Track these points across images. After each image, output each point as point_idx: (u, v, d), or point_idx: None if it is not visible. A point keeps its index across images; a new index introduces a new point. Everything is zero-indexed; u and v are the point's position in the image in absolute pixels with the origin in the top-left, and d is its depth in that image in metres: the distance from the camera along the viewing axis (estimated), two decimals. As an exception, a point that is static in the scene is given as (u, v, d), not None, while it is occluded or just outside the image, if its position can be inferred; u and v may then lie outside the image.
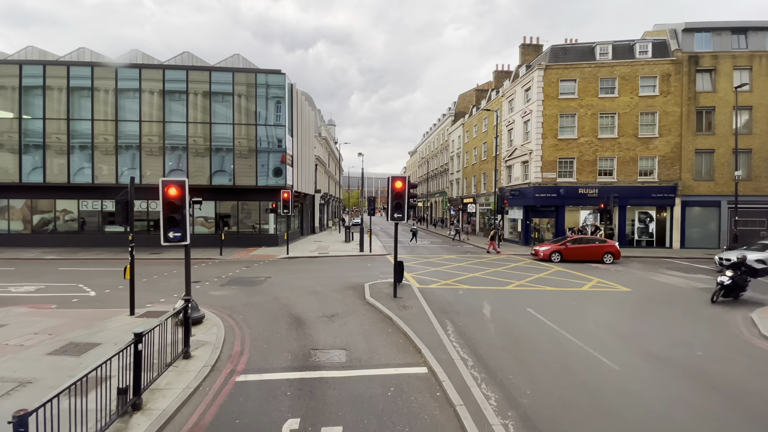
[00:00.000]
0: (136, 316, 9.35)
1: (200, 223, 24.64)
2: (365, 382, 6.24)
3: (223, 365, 6.91)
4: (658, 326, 9.39)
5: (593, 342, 8.10)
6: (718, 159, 24.65)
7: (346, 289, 12.94)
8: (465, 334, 8.45)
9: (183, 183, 7.62)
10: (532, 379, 6.41)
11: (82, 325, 8.72)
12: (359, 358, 7.15)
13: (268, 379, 6.36)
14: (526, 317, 9.84)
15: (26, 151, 22.98)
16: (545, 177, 25.37)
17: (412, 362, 6.98)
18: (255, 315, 9.91)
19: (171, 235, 7.52)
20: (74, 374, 4.80)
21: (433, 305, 10.71)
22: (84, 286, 13.04)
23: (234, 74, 23.76)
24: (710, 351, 7.83)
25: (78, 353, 7.23)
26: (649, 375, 6.66)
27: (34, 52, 25.16)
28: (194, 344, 7.59)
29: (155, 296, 11.78)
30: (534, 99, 25.72)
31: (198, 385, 6.07)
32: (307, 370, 6.65)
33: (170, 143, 23.51)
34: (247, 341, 8.05)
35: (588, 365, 6.96)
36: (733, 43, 25.23)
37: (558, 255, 19.34)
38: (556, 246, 19.73)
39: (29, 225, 23.88)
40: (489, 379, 6.36)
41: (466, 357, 7.20)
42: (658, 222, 25.43)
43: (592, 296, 12.28)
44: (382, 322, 9.31)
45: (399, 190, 11.09)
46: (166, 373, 6.29)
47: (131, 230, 9.27)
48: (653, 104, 24.85)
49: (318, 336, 8.34)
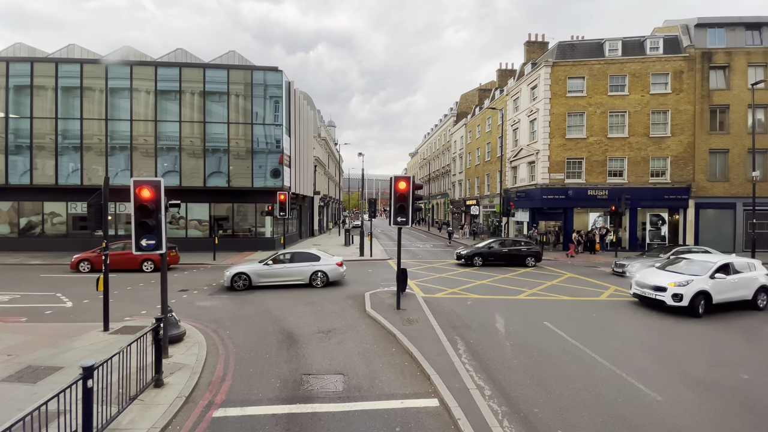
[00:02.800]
0: (110, 332, 8.39)
1: (194, 226, 23.71)
2: (365, 418, 5.26)
3: (201, 395, 5.94)
4: (690, 342, 8.41)
5: (624, 363, 7.13)
6: (732, 159, 23.67)
7: (345, 299, 11.97)
8: (479, 355, 7.47)
9: (158, 184, 6.69)
10: (562, 413, 5.44)
11: (47, 344, 7.77)
12: (358, 386, 6.18)
13: (251, 414, 5.40)
14: (544, 332, 8.85)
15: (13, 151, 22.07)
16: (553, 178, 24.40)
17: (421, 392, 6.00)
18: (243, 330, 8.94)
19: (144, 243, 6.60)
20: (24, 407, 3.95)
21: (440, 318, 9.73)
22: (62, 296, 12.08)
23: (229, 71, 22.86)
24: (756, 374, 6.85)
25: (34, 380, 6.27)
26: (697, 407, 5.68)
27: (23, 49, 24.31)
28: (170, 367, 6.64)
29: (136, 307, 10.81)
30: (541, 97, 24.78)
31: (167, 423, 5.11)
32: (297, 402, 5.68)
33: (163, 143, 22.60)
34: (231, 363, 7.09)
35: (624, 395, 5.98)
36: (747, 39, 24.29)
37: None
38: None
39: (16, 228, 22.94)
40: (512, 414, 5.39)
41: (482, 384, 6.22)
42: (671, 225, 24.43)
43: (613, 306, 11.29)
44: (385, 340, 8.33)
45: (403, 192, 10.13)
46: (131, 407, 5.33)
47: (105, 236, 8.33)
48: (665, 102, 23.89)
49: (312, 357, 7.36)
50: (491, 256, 18.73)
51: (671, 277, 10.68)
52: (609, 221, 24.02)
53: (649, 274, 11.34)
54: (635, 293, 11.29)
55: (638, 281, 11.28)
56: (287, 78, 24.12)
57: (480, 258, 18.54)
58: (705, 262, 10.90)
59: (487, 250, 18.78)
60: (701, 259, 11.32)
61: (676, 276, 10.65)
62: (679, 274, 10.77)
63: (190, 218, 23.63)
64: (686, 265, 11.18)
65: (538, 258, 18.95)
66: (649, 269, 12.04)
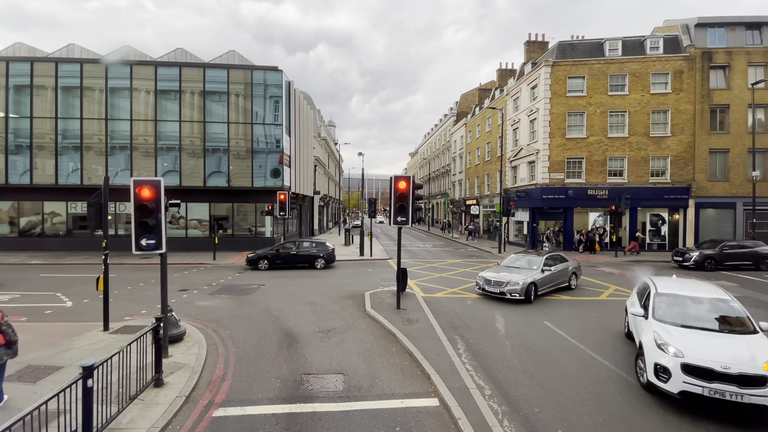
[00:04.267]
0: (109, 332, 8.39)
1: (194, 226, 23.70)
2: (365, 418, 5.26)
3: (201, 394, 5.94)
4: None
5: (625, 363, 7.12)
6: (733, 159, 23.65)
7: (345, 298, 11.97)
8: (479, 354, 7.47)
9: (158, 183, 6.69)
10: (562, 412, 5.44)
11: (47, 343, 7.76)
12: (358, 386, 6.18)
13: (251, 413, 5.39)
14: (544, 332, 8.84)
15: (13, 151, 22.06)
16: (553, 178, 24.39)
17: (421, 391, 6.00)
18: (243, 330, 8.94)
19: (144, 242, 6.60)
20: (24, 407, 3.96)
21: (440, 318, 9.73)
22: (62, 296, 12.07)
23: (229, 71, 22.84)
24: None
25: (35, 379, 6.28)
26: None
27: (23, 48, 24.29)
28: (170, 367, 6.64)
29: (137, 307, 10.81)
30: (541, 97, 24.77)
31: (167, 422, 5.11)
32: (297, 402, 5.68)
33: (163, 143, 22.58)
34: (231, 363, 7.08)
35: (625, 394, 5.98)
36: (748, 39, 24.27)
37: None
38: None
39: (16, 228, 22.93)
40: (512, 414, 5.39)
41: (482, 384, 6.22)
42: (671, 224, 24.42)
43: (613, 306, 11.26)
44: (385, 339, 8.33)
45: (403, 191, 10.12)
46: (131, 407, 5.33)
47: (105, 235, 8.33)
48: (665, 102, 23.88)
49: (312, 356, 7.36)
50: None
51: None
52: (609, 221, 24.02)
53: None
54: None
55: None
56: (287, 78, 24.11)
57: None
58: None
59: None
60: None
61: None
62: None
63: (190, 218, 23.62)
64: None
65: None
66: None
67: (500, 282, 11.55)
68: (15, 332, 5.53)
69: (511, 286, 11.28)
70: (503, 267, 12.82)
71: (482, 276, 12.26)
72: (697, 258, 17.68)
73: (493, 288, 11.68)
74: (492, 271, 12.56)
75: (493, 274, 12.07)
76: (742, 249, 18.04)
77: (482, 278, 12.17)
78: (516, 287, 11.21)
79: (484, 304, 11.28)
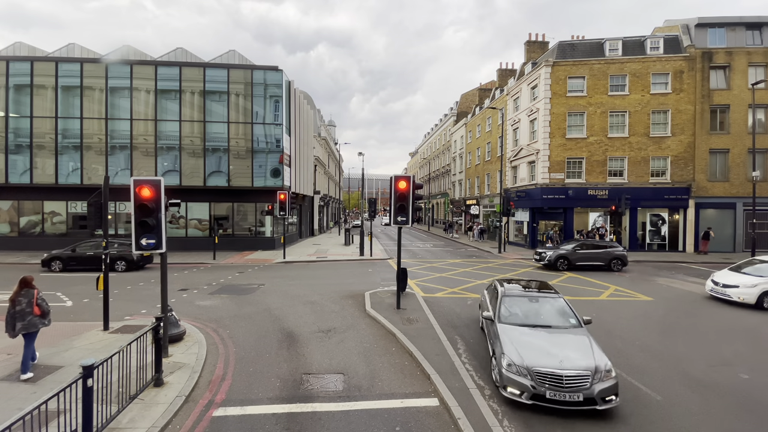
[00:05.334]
0: (109, 332, 8.39)
1: (194, 226, 23.70)
2: (365, 418, 5.27)
3: (201, 394, 5.94)
4: (690, 341, 8.41)
5: (624, 363, 7.14)
6: (733, 159, 23.65)
7: (345, 298, 11.97)
8: (479, 354, 7.47)
9: (158, 183, 6.69)
10: (562, 413, 5.43)
11: (47, 343, 7.76)
12: (358, 386, 6.18)
13: (251, 413, 5.40)
14: (544, 332, 8.83)
15: (13, 150, 22.06)
16: (553, 178, 24.38)
17: (421, 391, 6.00)
18: (243, 330, 8.94)
19: (144, 242, 6.60)
20: (24, 406, 3.94)
21: (440, 318, 9.73)
22: (62, 295, 12.08)
23: (229, 71, 22.84)
24: (756, 373, 6.85)
25: (34, 379, 6.28)
26: (698, 407, 5.69)
27: (23, 48, 24.29)
28: (170, 367, 6.64)
29: (137, 306, 10.82)
30: (541, 97, 24.77)
31: (167, 422, 5.11)
32: (297, 402, 5.69)
33: (163, 143, 22.59)
34: (231, 363, 7.09)
35: (624, 394, 5.98)
36: (748, 39, 24.26)
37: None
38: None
39: (16, 227, 22.94)
40: (511, 414, 5.39)
41: (482, 384, 6.22)
42: (671, 224, 24.42)
43: (613, 307, 11.29)
44: (385, 339, 8.33)
45: (403, 191, 10.12)
46: (131, 407, 5.34)
47: (105, 235, 8.33)
48: (665, 102, 23.88)
49: (312, 356, 7.36)
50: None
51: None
52: (609, 221, 24.01)
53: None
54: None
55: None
56: (287, 77, 24.11)
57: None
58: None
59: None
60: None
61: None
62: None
63: (190, 217, 23.63)
64: None
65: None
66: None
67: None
68: (48, 304, 6.74)
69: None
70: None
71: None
72: (550, 257, 17.48)
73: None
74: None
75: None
76: (595, 249, 17.75)
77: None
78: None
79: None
